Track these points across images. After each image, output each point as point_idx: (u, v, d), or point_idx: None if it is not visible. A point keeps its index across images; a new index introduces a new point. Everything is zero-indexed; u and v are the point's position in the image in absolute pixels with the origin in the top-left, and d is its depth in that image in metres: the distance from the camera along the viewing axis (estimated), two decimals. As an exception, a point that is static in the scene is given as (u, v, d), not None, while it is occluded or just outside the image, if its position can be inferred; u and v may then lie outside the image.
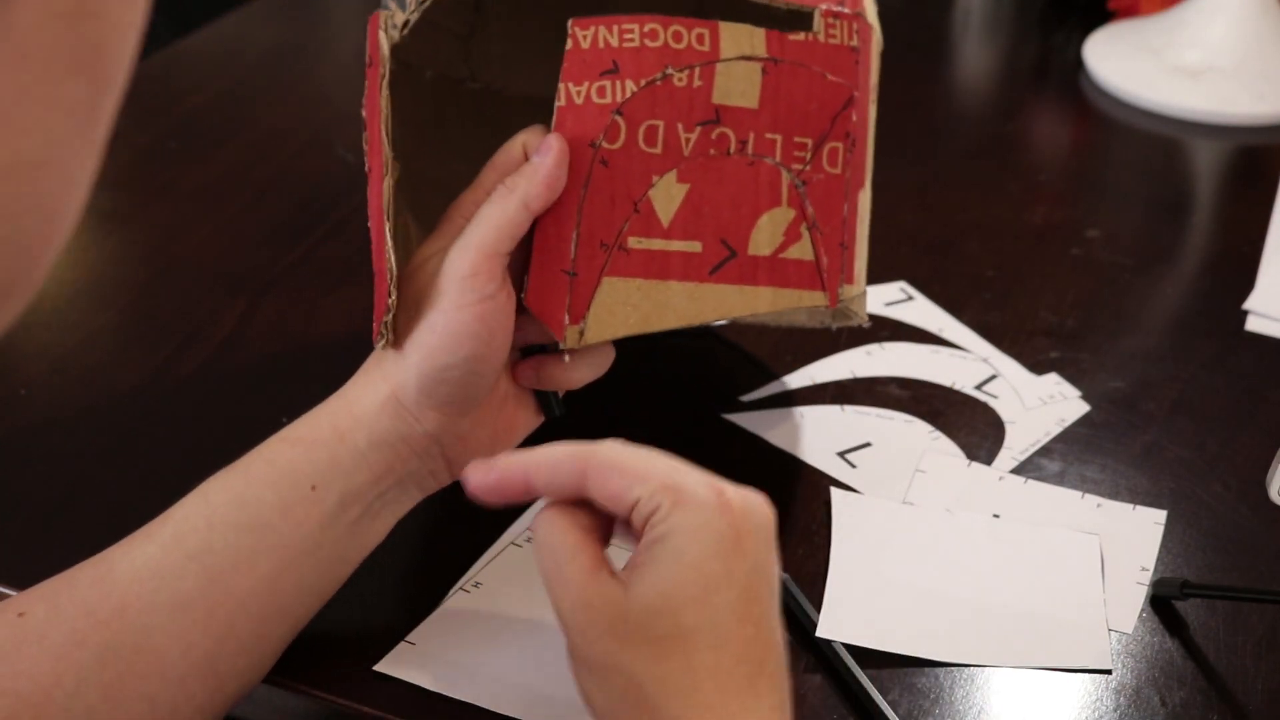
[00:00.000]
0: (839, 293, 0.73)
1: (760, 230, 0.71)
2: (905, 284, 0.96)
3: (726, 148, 0.70)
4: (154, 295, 0.95)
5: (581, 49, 0.68)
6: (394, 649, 0.70)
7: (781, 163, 0.71)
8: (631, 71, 0.68)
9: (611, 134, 0.68)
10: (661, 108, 0.68)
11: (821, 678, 0.70)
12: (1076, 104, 1.23)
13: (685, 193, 0.70)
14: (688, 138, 0.69)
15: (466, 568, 0.74)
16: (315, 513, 0.66)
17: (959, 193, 1.08)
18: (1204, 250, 1.06)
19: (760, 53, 0.69)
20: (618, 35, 0.68)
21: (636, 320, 0.70)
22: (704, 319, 0.71)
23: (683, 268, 0.70)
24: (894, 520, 0.78)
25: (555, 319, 0.69)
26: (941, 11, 1.36)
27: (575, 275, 0.68)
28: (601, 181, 0.68)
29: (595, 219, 0.68)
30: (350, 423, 0.67)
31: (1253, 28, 1.20)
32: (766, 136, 0.70)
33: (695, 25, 0.68)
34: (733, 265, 0.71)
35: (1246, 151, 1.16)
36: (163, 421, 0.84)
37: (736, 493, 0.59)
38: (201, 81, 1.20)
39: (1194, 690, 0.70)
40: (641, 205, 0.69)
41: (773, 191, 0.71)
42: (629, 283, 0.69)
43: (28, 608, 0.63)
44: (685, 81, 0.68)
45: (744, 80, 0.69)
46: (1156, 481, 0.81)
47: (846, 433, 0.84)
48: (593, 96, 0.68)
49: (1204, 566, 0.77)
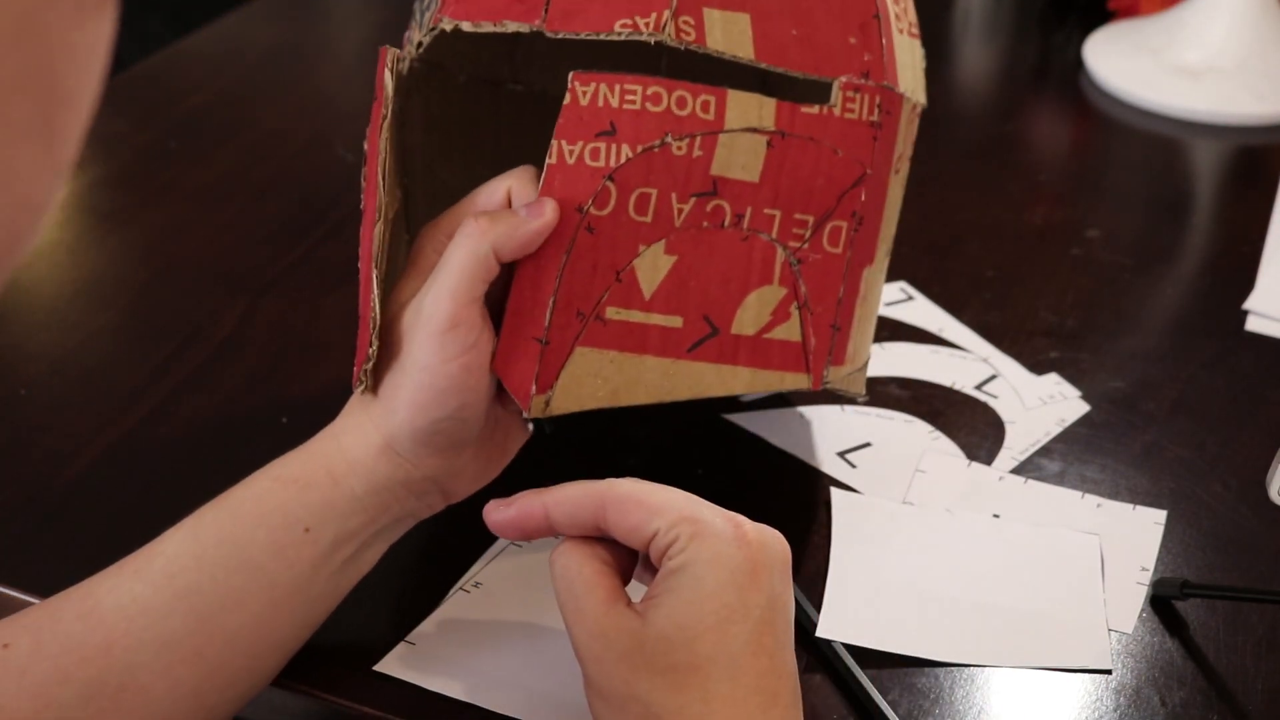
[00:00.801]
0: (824, 375, 0.71)
1: (746, 308, 0.68)
2: (905, 284, 0.96)
3: (721, 221, 0.67)
4: (154, 295, 0.95)
5: (580, 105, 0.65)
6: (394, 649, 0.70)
7: (778, 239, 0.68)
8: (629, 135, 0.65)
9: (601, 200, 0.65)
10: (657, 176, 0.66)
11: (821, 678, 0.70)
12: (1076, 104, 1.23)
13: (672, 264, 0.67)
14: (681, 208, 0.66)
15: (466, 568, 0.74)
16: (308, 553, 0.65)
17: (959, 193, 1.08)
18: (1204, 250, 1.06)
19: (768, 125, 0.66)
20: (619, 95, 0.65)
21: (605, 394, 0.67)
22: (675, 397, 0.68)
23: (660, 343, 0.67)
24: (894, 520, 0.78)
25: (522, 388, 0.66)
26: (941, 11, 1.36)
27: (548, 344, 0.66)
28: (585, 249, 0.66)
29: (574, 287, 0.66)
30: (345, 468, 0.66)
31: (1253, 28, 1.20)
32: (765, 212, 0.67)
33: (702, 91, 0.65)
34: (713, 343, 0.68)
35: (1246, 151, 1.17)
36: (163, 421, 0.84)
37: (753, 527, 0.60)
38: (201, 81, 1.20)
39: (1194, 690, 0.70)
40: (624, 275, 0.66)
41: (765, 268, 0.68)
42: (602, 354, 0.67)
43: (11, 639, 0.62)
44: (685, 150, 0.66)
45: (747, 153, 0.66)
46: (1156, 481, 0.81)
47: (846, 433, 0.84)
48: (585, 158, 0.65)
49: (1204, 566, 0.77)
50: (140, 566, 0.64)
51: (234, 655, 0.64)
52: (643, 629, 0.57)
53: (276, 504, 0.65)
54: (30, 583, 0.73)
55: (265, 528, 0.64)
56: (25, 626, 0.63)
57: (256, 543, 0.64)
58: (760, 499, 0.79)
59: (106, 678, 0.61)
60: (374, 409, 0.66)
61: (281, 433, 0.69)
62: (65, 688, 0.61)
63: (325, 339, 0.90)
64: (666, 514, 0.59)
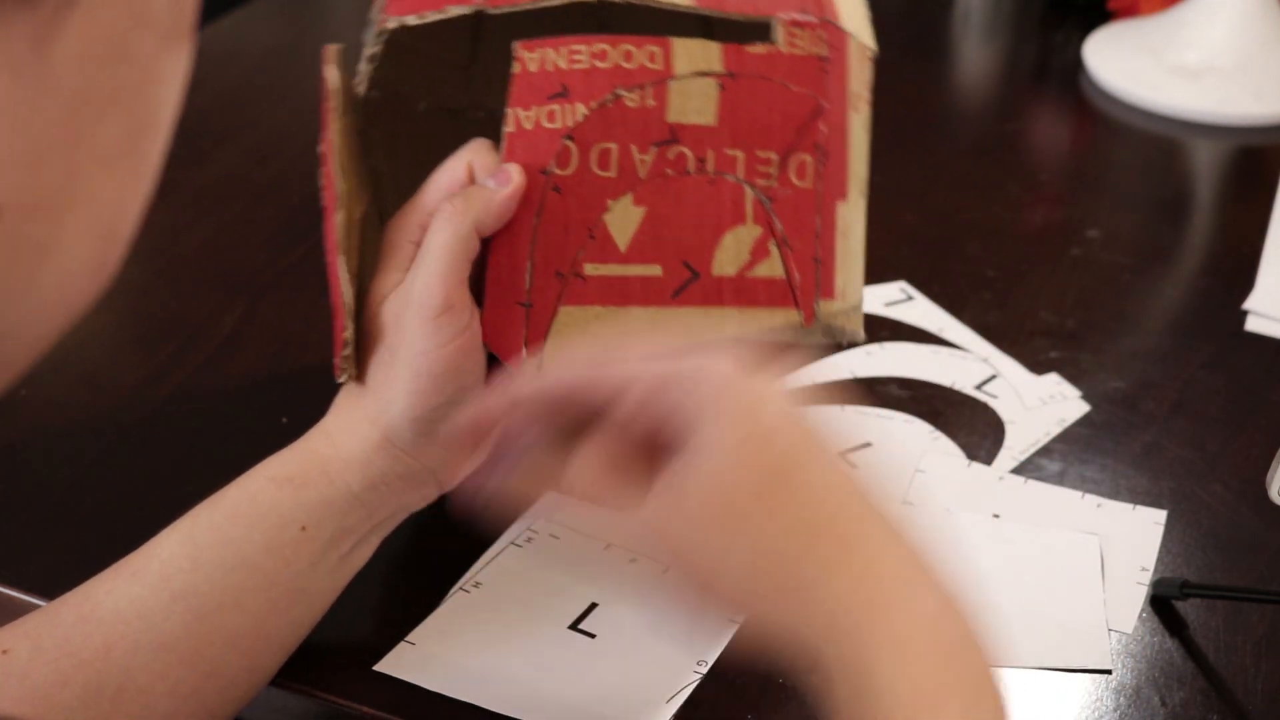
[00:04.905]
0: (815, 308, 0.71)
1: (724, 249, 0.69)
2: (905, 284, 0.96)
3: (685, 167, 0.68)
4: (154, 295, 0.95)
5: (529, 72, 0.66)
6: (394, 649, 0.70)
7: (745, 179, 0.69)
8: (582, 94, 0.66)
9: (563, 160, 0.66)
10: (614, 130, 0.66)
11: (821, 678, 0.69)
12: (1076, 104, 1.23)
13: (642, 216, 0.68)
14: (643, 159, 0.67)
15: (466, 568, 0.74)
16: (305, 552, 0.65)
17: (959, 193, 1.08)
18: (1204, 250, 1.06)
19: (716, 68, 0.68)
20: (566, 57, 0.66)
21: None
22: (669, 344, 0.69)
23: (643, 292, 0.68)
24: (894, 520, 0.78)
25: (513, 352, 0.67)
26: (941, 11, 1.36)
27: (531, 306, 0.67)
28: (555, 209, 0.67)
29: (549, 247, 0.67)
30: (340, 465, 0.66)
31: (1253, 28, 1.20)
32: (727, 153, 0.68)
33: (647, 43, 0.67)
34: (696, 287, 0.69)
35: (1246, 151, 1.16)
36: (163, 421, 0.84)
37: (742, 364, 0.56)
38: (201, 81, 1.19)
39: (1194, 690, 0.70)
40: (596, 231, 0.67)
41: (736, 209, 0.69)
42: (587, 310, 0.68)
43: (11, 645, 0.62)
44: (638, 102, 0.67)
45: (700, 97, 0.67)
46: (1156, 481, 0.81)
47: (846, 433, 0.84)
48: (543, 121, 0.66)
49: (1204, 566, 0.77)
50: (137, 569, 0.64)
51: (233, 655, 0.64)
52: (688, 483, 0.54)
53: (272, 504, 0.65)
54: (31, 583, 0.73)
55: (262, 528, 0.64)
56: (25, 632, 0.63)
57: (253, 543, 0.64)
58: (760, 499, 0.79)
59: (106, 680, 0.61)
60: (367, 404, 0.66)
61: (281, 433, 0.69)
62: (65, 691, 0.61)
63: (325, 339, 0.90)
64: (643, 378, 0.55)
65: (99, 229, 0.36)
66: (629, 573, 0.74)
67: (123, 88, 0.35)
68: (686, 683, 0.69)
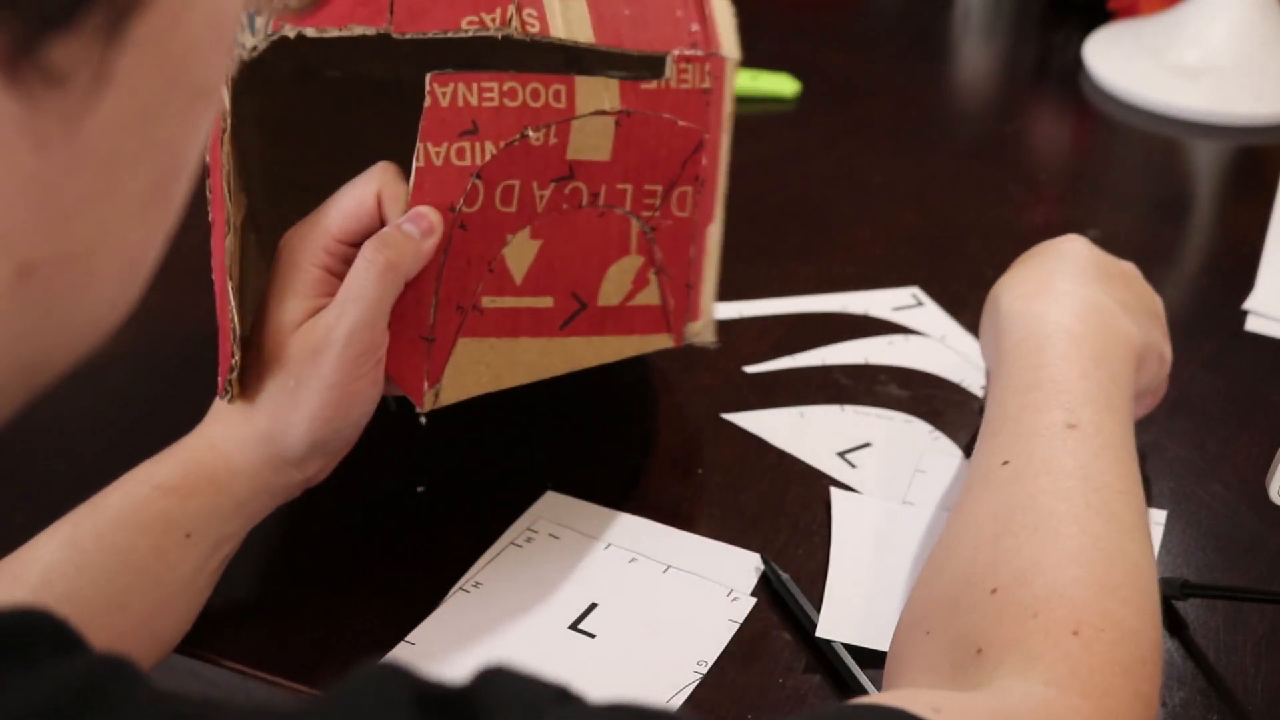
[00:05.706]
0: (684, 332, 0.75)
1: (609, 280, 0.71)
2: (918, 290, 0.96)
3: (579, 201, 0.69)
4: (154, 295, 0.94)
5: (440, 107, 0.66)
6: (394, 649, 0.70)
7: (631, 211, 0.71)
8: (491, 132, 0.66)
9: (471, 197, 0.67)
10: (518, 167, 0.67)
11: (821, 678, 0.70)
12: (1076, 104, 1.23)
13: (538, 249, 0.69)
14: (542, 194, 0.68)
15: (466, 568, 0.74)
16: (190, 556, 0.66)
17: (959, 193, 1.08)
18: (1204, 250, 1.06)
19: (614, 105, 0.69)
20: (477, 94, 0.66)
21: (489, 379, 0.70)
22: (554, 372, 0.71)
23: (533, 324, 0.70)
24: (894, 520, 0.78)
25: (415, 386, 0.68)
26: (941, 11, 1.36)
27: (434, 340, 0.68)
28: (460, 245, 0.67)
29: (453, 283, 0.68)
30: (227, 476, 0.67)
31: (1253, 28, 1.20)
32: (618, 187, 0.70)
33: (553, 81, 0.67)
34: (583, 318, 0.71)
35: (1246, 151, 1.17)
36: (163, 421, 0.84)
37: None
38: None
39: (1194, 690, 0.70)
40: (495, 264, 0.68)
41: (622, 240, 0.71)
42: (482, 342, 0.69)
43: None
44: (542, 140, 0.67)
45: (597, 134, 0.69)
46: (1156, 481, 0.81)
47: (846, 433, 0.84)
48: (452, 158, 0.66)
49: (1204, 566, 0.77)
50: (17, 573, 0.64)
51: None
52: None
53: (158, 512, 0.66)
54: (30, 583, 0.73)
55: (148, 535, 0.65)
56: None
57: (139, 550, 0.65)
58: (760, 499, 0.79)
59: None
60: (259, 423, 0.67)
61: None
62: None
63: (325, 339, 0.90)
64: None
65: (126, 269, 0.37)
66: (629, 573, 0.74)
67: (153, 144, 0.36)
68: (686, 683, 0.69)
